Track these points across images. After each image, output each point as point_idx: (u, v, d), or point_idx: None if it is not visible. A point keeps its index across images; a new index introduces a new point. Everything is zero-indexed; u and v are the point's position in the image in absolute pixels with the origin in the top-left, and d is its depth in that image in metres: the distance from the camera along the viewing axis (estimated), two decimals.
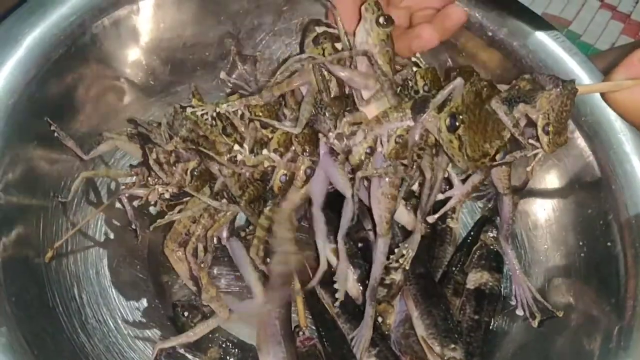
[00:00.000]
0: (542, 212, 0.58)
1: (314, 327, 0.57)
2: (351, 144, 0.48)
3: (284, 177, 0.50)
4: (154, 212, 0.55)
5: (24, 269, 0.48)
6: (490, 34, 0.56)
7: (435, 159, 0.48)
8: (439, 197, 0.50)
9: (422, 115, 0.45)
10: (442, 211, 0.51)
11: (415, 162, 0.47)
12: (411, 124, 0.46)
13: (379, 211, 0.49)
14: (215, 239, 0.54)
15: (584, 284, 0.53)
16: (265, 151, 0.49)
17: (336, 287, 0.50)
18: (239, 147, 0.49)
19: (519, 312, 0.54)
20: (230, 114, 0.50)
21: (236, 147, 0.49)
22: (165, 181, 0.51)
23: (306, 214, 0.58)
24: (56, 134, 0.50)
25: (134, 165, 0.53)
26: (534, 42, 0.55)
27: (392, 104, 0.47)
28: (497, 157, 0.45)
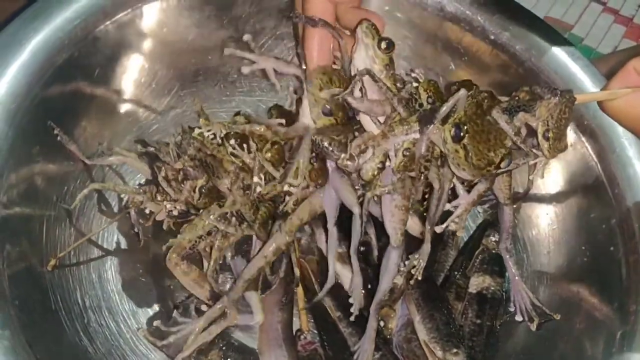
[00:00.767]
0: (544, 217, 0.58)
1: (316, 332, 0.57)
2: (361, 161, 0.48)
3: (295, 200, 0.51)
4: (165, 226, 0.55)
5: (27, 273, 0.48)
6: (492, 37, 0.57)
7: (441, 170, 0.49)
8: (447, 206, 0.51)
9: (430, 127, 0.46)
10: (450, 220, 0.52)
11: (422, 173, 0.48)
12: (416, 136, 0.47)
13: (393, 224, 0.50)
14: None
15: (586, 288, 0.53)
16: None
17: (351, 302, 0.51)
18: (257, 178, 0.50)
19: (518, 318, 0.54)
20: (237, 149, 0.50)
21: (255, 179, 0.50)
22: (173, 198, 0.52)
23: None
24: (59, 138, 0.50)
25: (142, 183, 0.54)
26: (536, 46, 0.55)
27: (404, 117, 0.48)
28: (502, 165, 0.46)
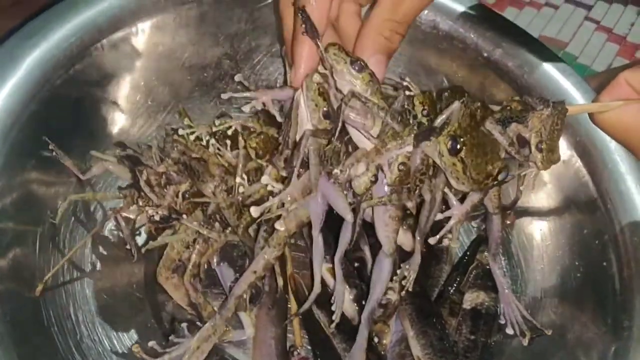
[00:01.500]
0: (537, 232, 0.58)
1: (309, 347, 0.56)
2: (352, 173, 0.48)
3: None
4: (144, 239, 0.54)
5: (19, 288, 0.47)
6: (485, 54, 0.57)
7: (433, 180, 0.49)
8: (439, 216, 0.50)
9: (426, 142, 0.46)
10: (443, 232, 0.51)
11: (417, 186, 0.47)
12: (410, 150, 0.46)
13: (386, 233, 0.50)
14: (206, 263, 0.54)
15: (580, 304, 0.52)
16: (263, 179, 0.49)
17: (333, 309, 0.50)
18: (240, 178, 0.50)
19: (509, 331, 0.54)
20: (221, 149, 0.50)
21: (237, 179, 0.50)
22: (155, 203, 0.51)
23: (302, 233, 0.58)
24: (54, 153, 0.51)
25: (122, 187, 0.53)
26: (528, 63, 0.56)
27: (399, 130, 0.48)
28: (500, 177, 0.46)
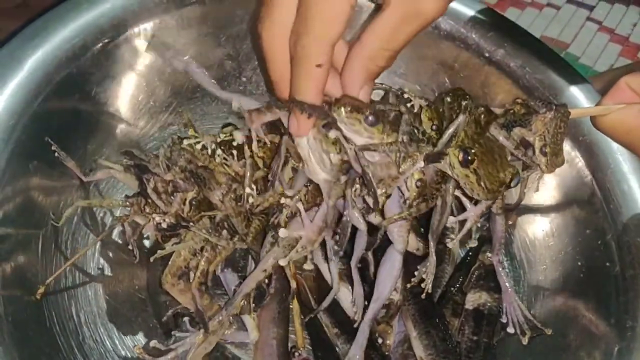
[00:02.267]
0: (540, 232, 0.58)
1: (310, 348, 0.56)
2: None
3: (290, 214, 0.51)
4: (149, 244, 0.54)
5: (21, 289, 0.47)
6: (487, 55, 0.57)
7: (443, 185, 0.49)
8: (454, 219, 0.51)
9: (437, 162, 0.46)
10: (461, 234, 0.52)
11: (434, 195, 0.47)
12: (422, 165, 0.46)
13: (401, 232, 0.50)
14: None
15: (583, 304, 0.52)
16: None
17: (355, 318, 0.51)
18: (249, 188, 0.50)
19: (510, 330, 0.54)
20: (228, 159, 0.50)
21: (247, 190, 0.50)
22: (163, 210, 0.51)
23: None
24: (57, 155, 0.51)
25: (129, 195, 0.53)
26: (530, 63, 0.56)
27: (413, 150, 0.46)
28: (512, 184, 0.46)
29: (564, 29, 0.85)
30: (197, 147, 0.51)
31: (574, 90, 0.54)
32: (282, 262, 0.48)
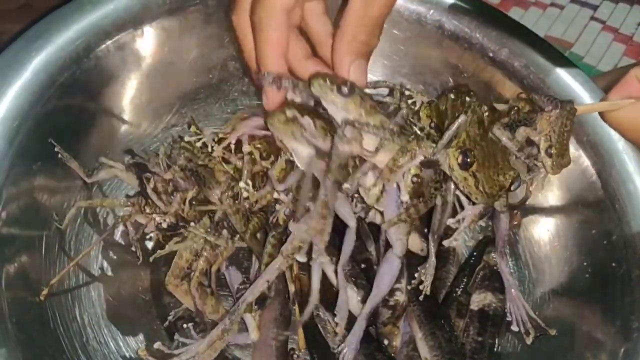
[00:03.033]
0: (545, 233, 0.57)
1: (307, 349, 0.56)
2: (362, 185, 0.48)
3: (288, 211, 0.50)
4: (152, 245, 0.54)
5: (25, 290, 0.47)
6: (491, 54, 0.57)
7: (444, 185, 0.48)
8: (451, 220, 0.50)
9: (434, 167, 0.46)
10: (457, 234, 0.51)
11: (433, 195, 0.47)
12: (420, 160, 0.46)
13: (398, 235, 0.49)
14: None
15: (589, 304, 0.52)
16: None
17: (337, 320, 0.50)
18: (244, 183, 0.50)
19: (514, 328, 0.53)
20: (226, 153, 0.50)
21: (241, 184, 0.50)
22: (163, 210, 0.51)
23: None
24: (60, 156, 0.51)
25: (130, 195, 0.53)
26: (534, 62, 0.55)
27: (401, 144, 0.47)
28: (513, 188, 0.45)
29: (567, 28, 0.84)
30: (197, 144, 0.51)
31: (579, 89, 0.54)
32: (300, 258, 0.47)
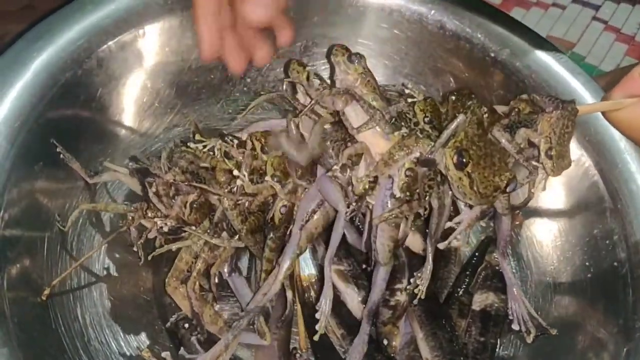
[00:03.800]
0: (548, 233, 0.57)
1: (310, 348, 0.56)
2: (353, 175, 0.48)
3: (284, 209, 0.50)
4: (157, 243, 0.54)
5: (27, 291, 0.47)
6: (493, 54, 0.57)
7: (441, 187, 0.48)
8: (448, 223, 0.50)
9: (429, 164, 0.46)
10: (453, 237, 0.51)
11: (426, 192, 0.47)
12: (416, 156, 0.46)
13: (382, 239, 0.49)
14: (217, 274, 0.54)
15: (591, 304, 0.52)
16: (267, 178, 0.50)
17: (317, 317, 0.49)
18: (238, 172, 0.50)
19: (515, 327, 0.53)
20: (228, 146, 0.51)
21: (236, 172, 0.50)
22: (164, 213, 0.51)
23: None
24: (62, 157, 0.51)
25: (132, 202, 0.53)
26: (536, 63, 0.55)
27: (387, 132, 0.47)
28: (508, 189, 0.45)
29: (569, 28, 0.84)
30: (200, 146, 0.51)
31: (580, 89, 0.54)
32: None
